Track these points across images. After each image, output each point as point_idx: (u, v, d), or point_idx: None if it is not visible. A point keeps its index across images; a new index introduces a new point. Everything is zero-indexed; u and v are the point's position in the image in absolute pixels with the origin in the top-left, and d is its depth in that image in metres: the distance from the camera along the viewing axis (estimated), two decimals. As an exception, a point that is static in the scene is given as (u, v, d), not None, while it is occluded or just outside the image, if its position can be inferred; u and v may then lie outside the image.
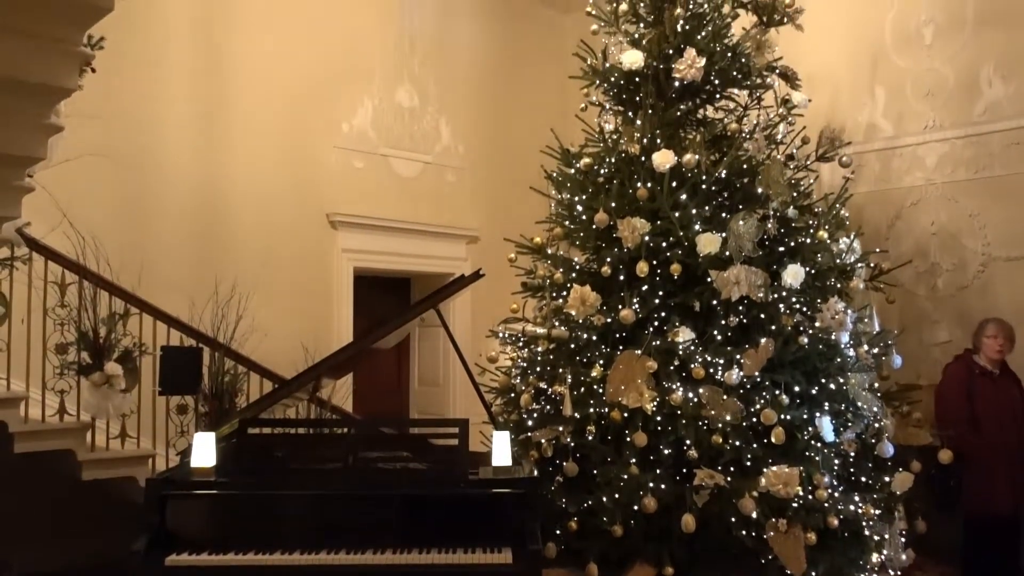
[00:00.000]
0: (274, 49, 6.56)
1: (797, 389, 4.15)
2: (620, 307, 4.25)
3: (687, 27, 4.65)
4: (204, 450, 3.38)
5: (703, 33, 4.68)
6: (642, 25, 4.86)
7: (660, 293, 4.32)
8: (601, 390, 4.16)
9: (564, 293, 4.55)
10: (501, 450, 3.47)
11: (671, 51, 4.63)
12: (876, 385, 4.61)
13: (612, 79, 4.85)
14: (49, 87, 2.51)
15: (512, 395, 4.76)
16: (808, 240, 4.42)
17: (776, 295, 4.20)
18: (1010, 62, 5.65)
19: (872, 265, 4.99)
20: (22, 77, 2.42)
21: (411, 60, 7.57)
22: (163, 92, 5.96)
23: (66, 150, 4.07)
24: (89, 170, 4.90)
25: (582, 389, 4.24)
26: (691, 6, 4.73)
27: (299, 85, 6.71)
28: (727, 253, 4.17)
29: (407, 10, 7.53)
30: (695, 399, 3.99)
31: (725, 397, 3.96)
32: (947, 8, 5.98)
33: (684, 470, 4.02)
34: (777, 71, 4.87)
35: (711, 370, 4.07)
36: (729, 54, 4.69)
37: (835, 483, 4.15)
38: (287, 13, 6.66)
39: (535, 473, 3.50)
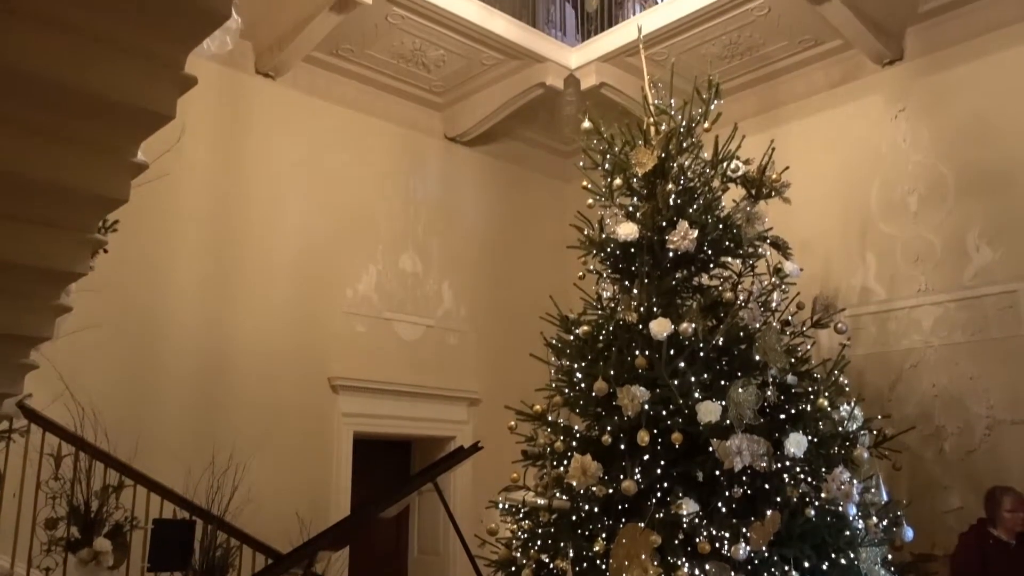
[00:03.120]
0: (282, 220, 6.82)
1: (807, 565, 4.00)
2: (622, 477, 4.18)
3: (679, 201, 4.83)
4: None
5: (695, 206, 4.85)
6: (636, 199, 5.06)
7: (662, 462, 4.25)
8: (604, 565, 4.02)
9: (565, 462, 4.48)
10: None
11: (664, 223, 4.79)
12: (890, 557, 4.45)
13: (609, 249, 4.99)
14: (61, 272, 2.59)
15: (513, 568, 4.59)
16: (808, 407, 4.40)
17: (779, 464, 4.13)
18: (994, 229, 5.83)
19: (876, 432, 4.94)
20: (34, 263, 2.50)
21: (415, 227, 7.84)
22: (170, 264, 6.13)
23: (72, 323, 4.15)
24: (93, 340, 4.98)
25: (584, 564, 4.10)
26: (682, 181, 4.93)
27: (306, 254, 6.92)
28: (728, 421, 4.14)
29: (413, 180, 7.87)
30: (702, 576, 3.85)
31: (733, 574, 3.82)
32: (928, 179, 6.24)
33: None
34: (768, 241, 5.01)
35: (717, 544, 3.94)
36: (720, 225, 4.84)
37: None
38: (296, 186, 6.96)
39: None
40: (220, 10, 1.85)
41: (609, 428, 4.37)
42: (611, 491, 4.23)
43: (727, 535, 3.95)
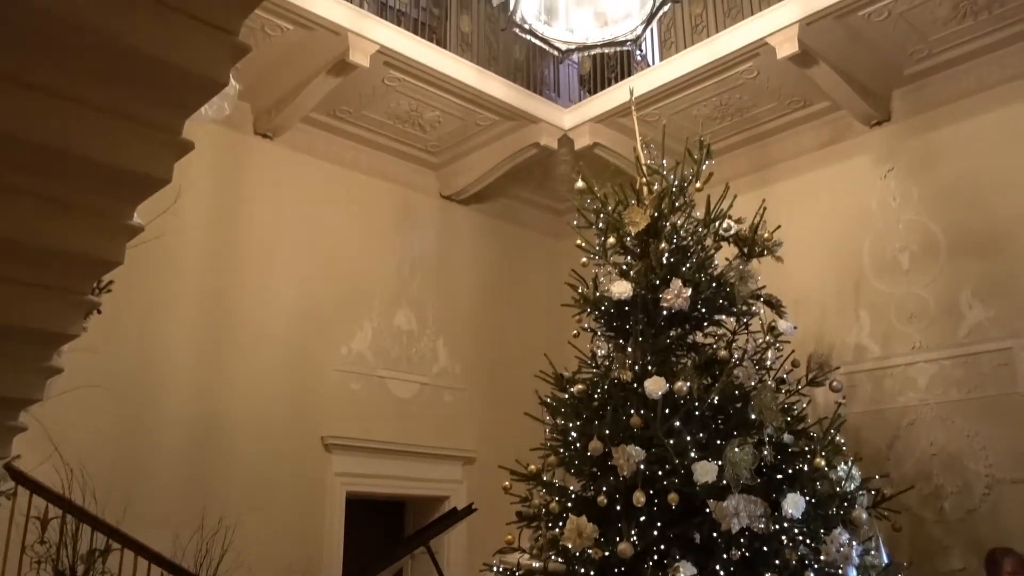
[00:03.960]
0: (277, 278, 6.84)
1: (808, 629, 3.92)
2: (618, 539, 4.11)
3: (672, 259, 4.86)
4: None
5: (688, 265, 4.88)
6: (629, 257, 5.09)
7: (658, 524, 4.19)
8: (601, 631, 3.93)
9: (560, 523, 4.42)
10: None
11: (658, 282, 4.80)
12: (893, 622, 4.36)
13: (603, 307, 5.00)
14: (53, 334, 2.59)
15: (509, 634, 4.49)
16: (806, 467, 4.36)
17: (777, 526, 4.07)
18: (987, 287, 5.87)
19: (874, 492, 4.88)
20: (26, 324, 2.50)
21: (410, 284, 7.86)
22: (165, 325, 6.12)
23: (63, 383, 4.12)
24: (84, 400, 4.93)
25: (581, 630, 4.01)
26: (675, 240, 4.96)
27: (301, 311, 6.92)
28: (724, 482, 4.09)
29: (408, 237, 7.92)
30: (701, 642, 3.76)
31: (732, 640, 3.73)
32: (919, 237, 6.30)
33: None
34: (762, 299, 5.03)
35: (716, 608, 3.87)
36: (714, 284, 4.86)
37: None
38: (292, 244, 7.00)
39: None
40: (218, 79, 1.89)
41: (605, 488, 4.32)
42: (607, 554, 4.16)
43: (726, 599, 3.88)
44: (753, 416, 4.40)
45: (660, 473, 4.25)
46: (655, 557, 4.15)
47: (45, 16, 1.63)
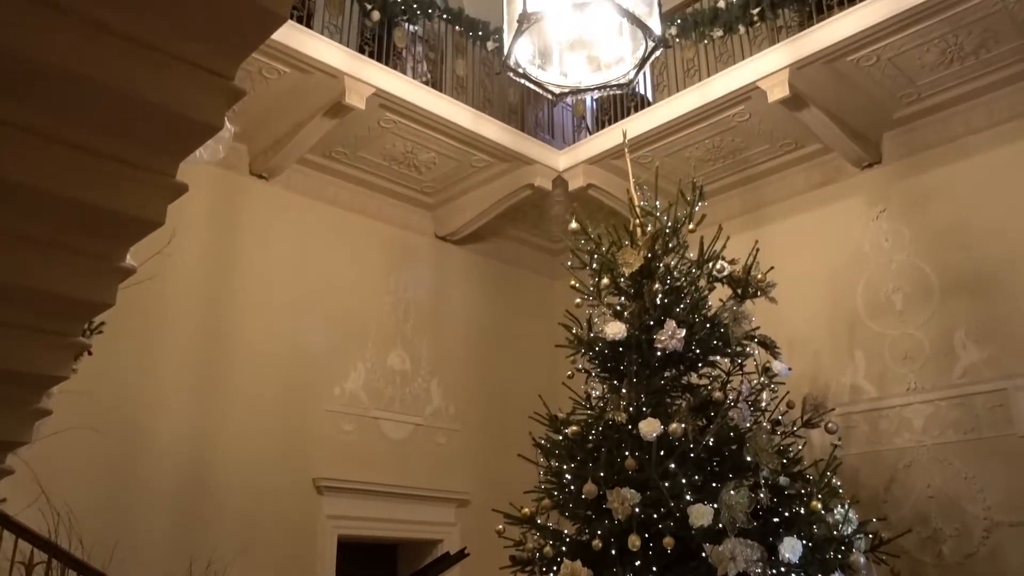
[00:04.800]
0: (271, 319, 6.81)
1: (807, 677, 3.85)
2: (613, 585, 4.05)
3: (666, 300, 4.87)
4: None
5: (682, 306, 4.88)
6: (623, 298, 5.09)
7: (654, 568, 4.13)
8: None
9: (555, 568, 4.36)
10: None
11: (652, 322, 4.81)
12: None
13: (597, 348, 4.99)
14: (43, 376, 2.57)
15: None
16: (802, 510, 4.32)
17: (774, 570, 4.02)
18: (980, 328, 5.88)
19: (872, 535, 4.84)
20: (16, 367, 2.48)
21: (404, 324, 7.84)
22: (156, 366, 6.08)
23: (52, 424, 4.08)
24: (73, 443, 4.88)
25: None
26: (668, 281, 4.98)
27: (294, 352, 6.89)
28: (720, 525, 4.05)
29: (403, 278, 7.92)
30: None
31: None
32: (912, 278, 6.33)
33: None
34: (756, 340, 5.03)
35: (713, 656, 3.80)
36: (708, 325, 4.86)
37: None
38: (286, 285, 6.99)
39: None
40: (213, 123, 1.90)
41: (599, 532, 4.27)
42: (602, 600, 4.10)
43: (723, 646, 3.81)
44: (749, 458, 4.37)
45: (655, 516, 4.21)
46: (651, 603, 4.08)
47: (40, 65, 1.64)
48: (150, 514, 5.74)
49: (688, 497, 4.20)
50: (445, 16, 7.73)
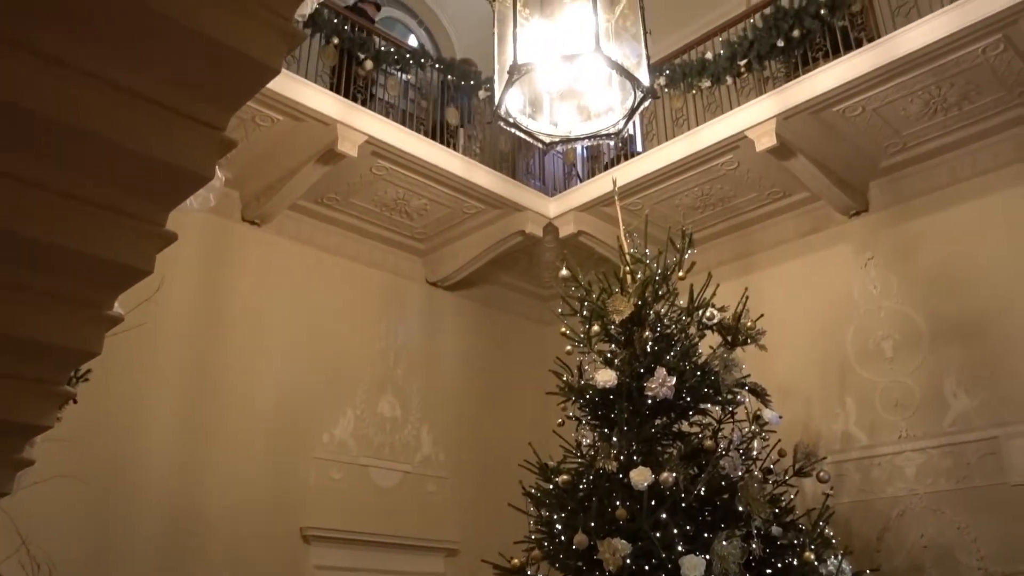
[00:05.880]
0: (261, 366, 6.77)
1: None
2: (604, 638, 3.98)
3: (656, 348, 4.86)
4: None
5: (672, 353, 4.88)
6: (614, 345, 5.08)
7: (646, 622, 4.07)
8: None
9: (545, 622, 4.28)
10: None
11: (642, 370, 4.79)
12: None
13: (588, 396, 4.97)
14: (26, 425, 2.53)
15: None
16: (795, 561, 4.26)
17: (768, 623, 3.96)
18: (970, 376, 5.89)
19: (867, 587, 4.78)
20: (-2, 416, 2.45)
21: (395, 370, 7.80)
22: (142, 414, 6.01)
23: (34, 473, 4.01)
24: (56, 492, 4.77)
25: None
26: (659, 328, 4.98)
27: (284, 400, 6.83)
28: (713, 576, 4.00)
29: (394, 323, 7.90)
30: None
31: None
32: (901, 325, 6.35)
33: None
34: (747, 387, 5.01)
35: None
36: (698, 372, 4.85)
37: None
38: (276, 331, 6.96)
39: None
40: (204, 173, 1.91)
41: (591, 585, 4.20)
42: (593, 654, 4.02)
43: None
44: (741, 508, 4.34)
45: (647, 568, 4.15)
46: (643, 657, 4.01)
47: (30, 115, 1.65)
48: (134, 564, 5.62)
49: (680, 548, 4.14)
50: (437, 65, 7.85)
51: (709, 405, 5.02)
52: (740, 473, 4.55)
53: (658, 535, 4.17)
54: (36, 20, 1.59)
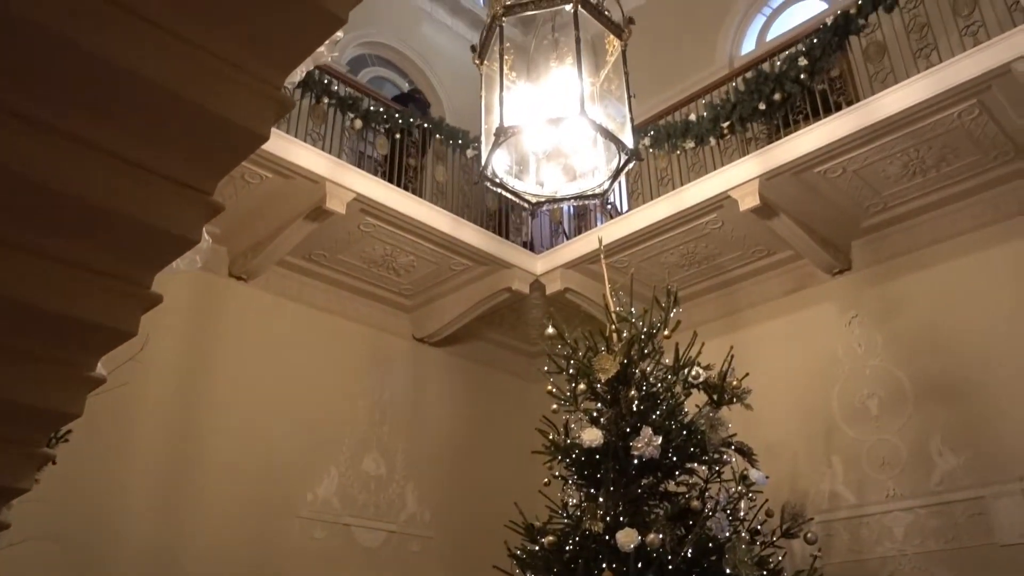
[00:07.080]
0: (245, 423, 6.69)
1: None
2: None
3: (642, 407, 4.85)
4: None
5: (658, 412, 4.87)
6: (600, 404, 5.07)
7: None
8: None
9: None
10: None
11: (629, 429, 4.78)
12: None
13: (574, 455, 4.93)
14: (2, 488, 2.49)
15: None
16: (785, 626, 4.21)
17: None
18: (955, 434, 5.89)
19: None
20: (-25, 479, 2.41)
21: (381, 427, 7.72)
22: (123, 474, 5.91)
23: (9, 536, 3.93)
24: (32, 555, 4.68)
25: None
26: (644, 387, 4.98)
27: (267, 458, 6.74)
28: (701, 642, 3.93)
29: (380, 380, 7.85)
30: None
31: None
32: (886, 383, 6.37)
33: None
34: (733, 447, 5.00)
35: None
36: (684, 432, 4.84)
37: None
38: (261, 387, 6.90)
39: None
40: (190, 237, 1.92)
41: (577, 650, 4.12)
42: None
43: None
44: (728, 570, 4.29)
45: (634, 633, 4.08)
46: None
47: (13, 176, 1.67)
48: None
49: (667, 611, 4.09)
50: (426, 125, 7.96)
51: (695, 465, 5.00)
52: (727, 534, 4.51)
53: (645, 599, 4.11)
54: (22, 86, 1.62)
